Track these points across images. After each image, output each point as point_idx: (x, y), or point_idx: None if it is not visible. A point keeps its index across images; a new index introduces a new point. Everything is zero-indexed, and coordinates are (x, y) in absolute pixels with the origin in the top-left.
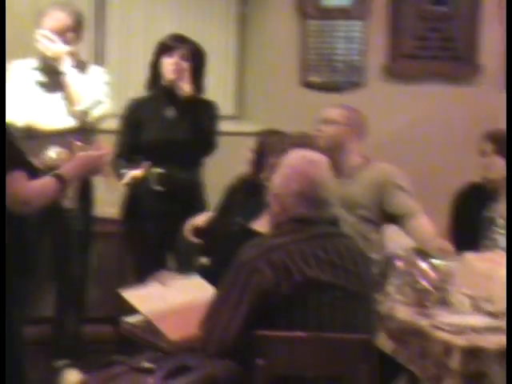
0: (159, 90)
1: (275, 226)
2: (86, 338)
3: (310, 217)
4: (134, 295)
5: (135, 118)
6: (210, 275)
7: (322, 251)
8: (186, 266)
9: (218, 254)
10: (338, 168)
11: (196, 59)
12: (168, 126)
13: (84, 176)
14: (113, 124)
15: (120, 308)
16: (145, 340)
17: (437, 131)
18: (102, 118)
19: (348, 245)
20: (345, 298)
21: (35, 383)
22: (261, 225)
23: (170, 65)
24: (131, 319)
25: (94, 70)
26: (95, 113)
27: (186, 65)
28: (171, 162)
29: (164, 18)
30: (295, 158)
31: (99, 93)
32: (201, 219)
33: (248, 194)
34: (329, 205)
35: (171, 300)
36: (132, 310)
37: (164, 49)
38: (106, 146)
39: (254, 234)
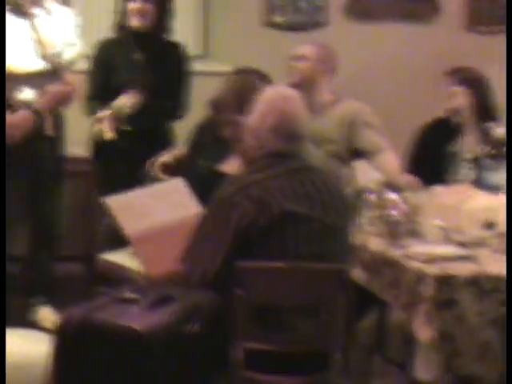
0: (126, 33)
1: (250, 161)
2: (58, 276)
3: (287, 151)
4: (118, 206)
5: (105, 59)
6: None
7: (298, 185)
8: None
9: None
10: (308, 104)
11: (161, 1)
12: (136, 69)
13: (56, 108)
14: (83, 65)
15: (91, 246)
16: (123, 277)
17: (399, 68)
18: (74, 59)
19: (324, 178)
20: (321, 229)
21: (10, 320)
22: (229, 166)
23: (133, 10)
24: (108, 256)
25: (64, 13)
26: (67, 55)
27: (150, 7)
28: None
29: None
30: (270, 94)
31: (70, 35)
32: (168, 156)
33: (216, 134)
34: (304, 139)
35: (155, 217)
36: (104, 247)
37: None
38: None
39: (222, 176)
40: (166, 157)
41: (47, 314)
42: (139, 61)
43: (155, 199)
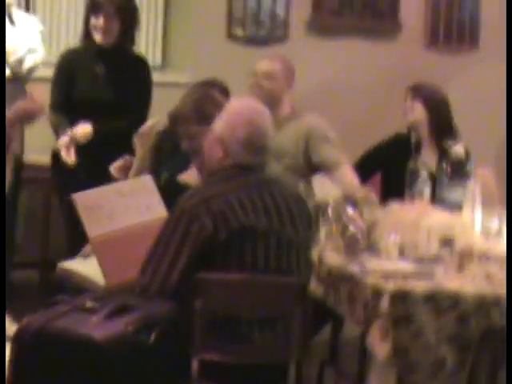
0: (90, 45)
1: (211, 172)
2: (15, 283)
3: (253, 164)
4: (84, 204)
5: (68, 70)
6: None
7: (258, 198)
8: None
9: None
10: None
11: (125, 15)
12: (98, 82)
13: (22, 124)
14: (45, 73)
15: (46, 254)
16: (82, 286)
17: (358, 84)
18: (36, 67)
19: (283, 192)
20: (279, 243)
21: None
22: (189, 176)
23: (96, 27)
24: (67, 265)
25: (27, 19)
26: (28, 62)
27: (113, 25)
28: (100, 119)
29: None
30: (240, 105)
31: (32, 41)
32: (130, 159)
33: (174, 145)
34: (269, 153)
35: (119, 220)
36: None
37: (92, 7)
38: (40, 96)
39: (182, 187)
40: (128, 160)
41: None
42: (101, 74)
43: (122, 197)
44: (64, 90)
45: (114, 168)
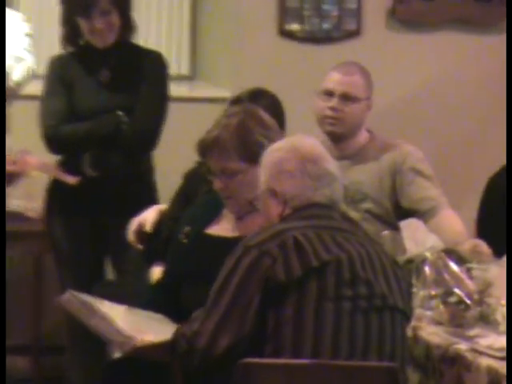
0: (86, 48)
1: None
2: None
3: (324, 197)
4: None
5: (65, 76)
6: (164, 292)
7: (344, 240)
8: (131, 277)
9: (171, 266)
10: (341, 149)
11: (122, 3)
12: (101, 93)
13: None
14: (35, 88)
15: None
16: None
17: (459, 94)
18: (25, 79)
19: (373, 241)
20: (370, 299)
21: None
22: (223, 230)
23: (91, 29)
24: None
25: (11, 18)
26: (16, 74)
27: (113, 19)
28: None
29: None
30: (278, 145)
31: (19, 47)
32: (150, 216)
33: (208, 186)
34: (335, 180)
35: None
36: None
37: (79, 8)
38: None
39: (213, 241)
40: (146, 217)
41: None
42: (106, 81)
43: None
44: (65, 99)
45: (131, 232)
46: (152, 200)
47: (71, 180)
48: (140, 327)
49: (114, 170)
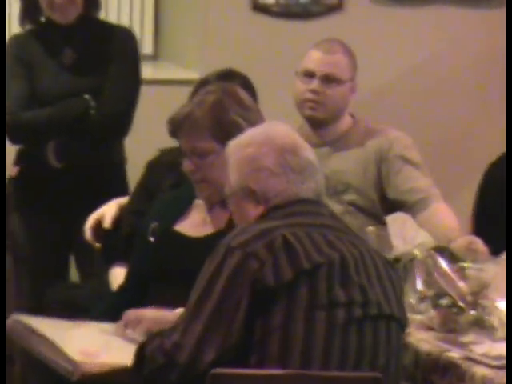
0: (46, 25)
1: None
2: None
3: (310, 195)
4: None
5: (25, 58)
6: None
7: (336, 239)
8: (95, 280)
9: (136, 266)
10: (320, 135)
11: None
12: (64, 75)
13: None
14: None
15: None
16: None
17: (453, 75)
18: None
19: (367, 250)
20: (364, 319)
21: None
22: (193, 225)
23: (49, 2)
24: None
25: None
26: None
27: None
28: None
29: None
30: (247, 139)
31: None
32: (109, 211)
33: (177, 175)
34: (319, 173)
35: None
36: None
37: None
38: None
39: (183, 238)
40: (105, 212)
41: None
42: (70, 62)
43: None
44: (26, 83)
45: (87, 229)
46: (125, 195)
47: None
48: (91, 348)
49: (81, 161)
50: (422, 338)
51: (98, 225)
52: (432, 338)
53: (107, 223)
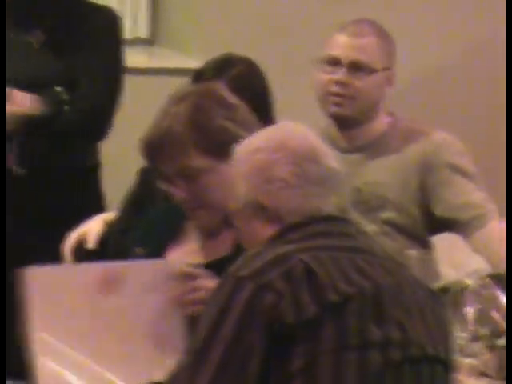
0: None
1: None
2: None
3: (334, 211)
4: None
5: None
6: None
7: (366, 264)
8: None
9: None
10: (350, 139)
11: None
12: (32, 59)
13: None
14: None
15: None
16: None
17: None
18: None
19: (406, 278)
20: (403, 362)
21: None
22: (188, 252)
23: None
24: None
25: None
26: None
27: None
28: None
29: None
30: (258, 142)
31: None
32: (93, 228)
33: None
34: (345, 185)
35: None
36: None
37: None
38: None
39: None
40: (87, 230)
41: None
42: (39, 43)
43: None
44: None
45: (67, 248)
46: (100, 209)
47: None
48: None
49: (48, 166)
50: None
51: (80, 245)
52: None
53: (91, 243)
